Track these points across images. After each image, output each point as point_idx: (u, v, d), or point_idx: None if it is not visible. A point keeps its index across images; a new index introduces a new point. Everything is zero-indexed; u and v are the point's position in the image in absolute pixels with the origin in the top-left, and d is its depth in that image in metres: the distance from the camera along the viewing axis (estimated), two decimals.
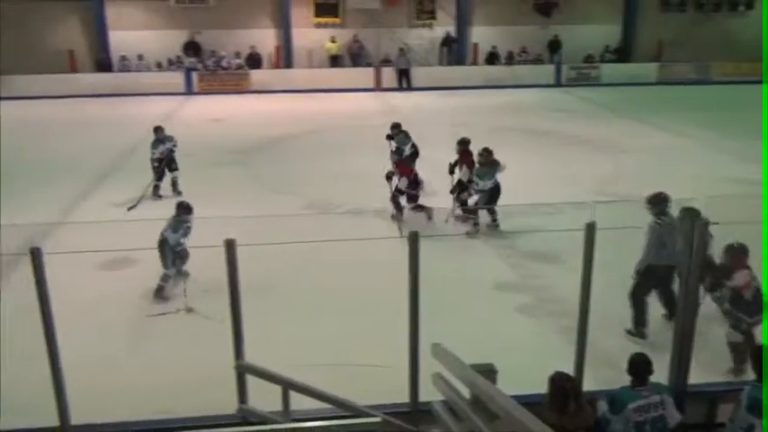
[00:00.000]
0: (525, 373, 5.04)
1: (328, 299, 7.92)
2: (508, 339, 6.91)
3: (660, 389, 4.60)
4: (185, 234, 7.98)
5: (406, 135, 12.33)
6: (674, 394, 4.75)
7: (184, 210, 8.06)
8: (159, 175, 12.29)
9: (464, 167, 10.52)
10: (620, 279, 7.06)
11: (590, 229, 4.72)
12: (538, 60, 27.69)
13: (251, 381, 4.82)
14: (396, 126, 12.63)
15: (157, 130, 12.37)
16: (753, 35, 27.97)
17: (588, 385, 4.90)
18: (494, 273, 8.83)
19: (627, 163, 14.32)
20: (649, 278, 7.06)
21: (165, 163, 12.26)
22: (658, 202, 7.22)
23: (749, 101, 20.84)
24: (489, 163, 10.09)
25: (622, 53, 28.26)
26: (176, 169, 12.39)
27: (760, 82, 25.82)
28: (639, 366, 4.56)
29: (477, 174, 10.14)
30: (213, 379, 5.40)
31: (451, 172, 10.84)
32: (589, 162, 14.55)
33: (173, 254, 7.93)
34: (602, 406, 4.55)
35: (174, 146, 12.36)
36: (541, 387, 4.02)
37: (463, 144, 10.89)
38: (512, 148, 15.53)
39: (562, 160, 14.73)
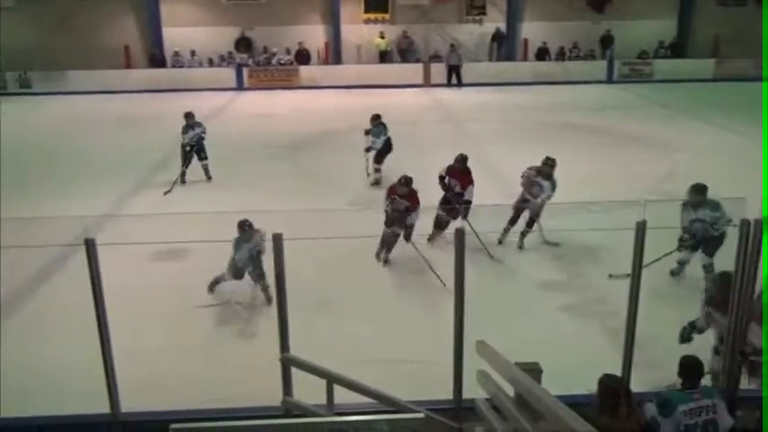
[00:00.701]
0: (570, 374, 5.00)
1: (369, 296, 7.95)
2: (553, 339, 6.83)
3: (711, 392, 4.49)
4: (251, 252, 7.62)
5: (383, 127, 12.02)
6: (726, 398, 4.64)
7: (241, 228, 7.67)
8: (187, 161, 12.53)
9: (469, 187, 9.37)
10: (669, 279, 6.91)
11: (640, 228, 4.62)
12: (589, 56, 27.26)
13: (296, 374, 4.87)
14: (375, 117, 12.36)
15: (188, 116, 12.58)
16: None
17: (635, 387, 4.82)
18: (540, 271, 8.74)
19: (681, 162, 13.97)
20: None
21: (194, 149, 12.49)
22: None
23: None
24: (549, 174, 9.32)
25: (677, 49, 27.60)
26: (206, 158, 12.63)
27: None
28: (690, 368, 4.47)
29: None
30: (260, 371, 5.48)
31: (446, 189, 9.48)
32: (642, 160, 14.26)
33: (235, 269, 7.77)
34: (651, 408, 4.46)
35: (203, 132, 12.58)
36: (585, 388, 3.97)
37: (462, 162, 9.59)
38: (562, 145, 15.33)
39: (614, 158, 14.48)
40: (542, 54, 27.16)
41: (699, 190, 7.81)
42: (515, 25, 27.36)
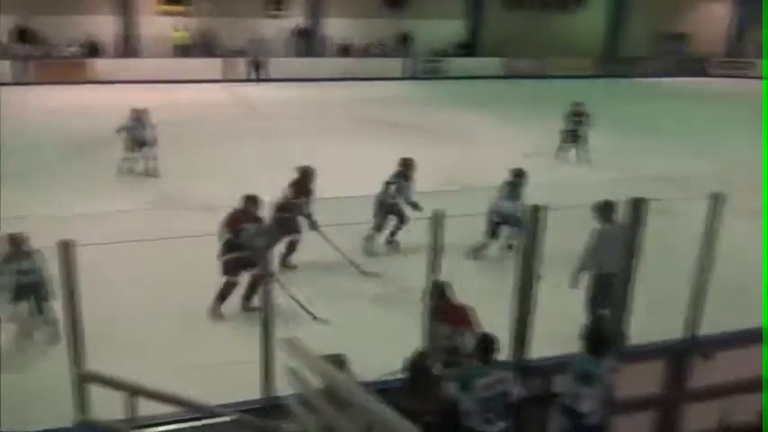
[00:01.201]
0: (380, 361, 5.15)
1: (168, 299, 7.62)
2: (364, 329, 6.98)
3: (504, 366, 4.86)
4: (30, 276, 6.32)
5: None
6: (516, 369, 5.03)
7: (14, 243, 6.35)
8: None
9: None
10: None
11: (437, 218, 4.85)
12: (390, 53, 28.22)
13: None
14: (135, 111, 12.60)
15: None
16: (581, 33, 30.25)
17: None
18: (347, 265, 8.86)
19: (476, 153, 14.90)
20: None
21: None
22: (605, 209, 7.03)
23: (583, 94, 22.22)
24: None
25: (469, 48, 29.45)
26: None
27: (590, 76, 27.89)
28: (486, 345, 4.79)
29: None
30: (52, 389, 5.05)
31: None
32: (439, 153, 14.99)
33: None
34: (451, 386, 4.73)
35: None
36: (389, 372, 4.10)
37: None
38: (367, 140, 15.78)
39: (413, 151, 15.03)
40: (346, 50, 27.71)
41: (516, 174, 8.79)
42: (318, 21, 27.63)
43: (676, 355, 5.87)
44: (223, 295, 7.34)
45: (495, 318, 5.34)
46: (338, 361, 4.25)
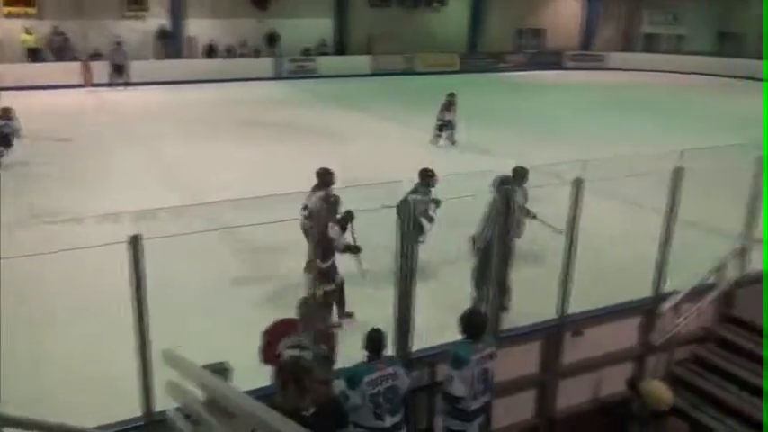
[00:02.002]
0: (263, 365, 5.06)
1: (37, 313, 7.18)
2: (249, 334, 6.85)
3: (392, 361, 4.91)
4: None
5: None
6: (403, 362, 5.10)
7: None
8: None
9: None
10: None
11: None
12: (257, 53, 27.85)
13: None
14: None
15: None
16: (445, 29, 31.18)
17: None
18: (228, 270, 8.69)
19: (352, 150, 15.00)
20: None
21: None
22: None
23: (450, 89, 22.90)
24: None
25: (338, 46, 29.58)
26: None
27: (456, 72, 28.79)
28: (374, 341, 4.82)
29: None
30: None
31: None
32: (315, 151, 14.96)
33: None
34: (339, 383, 4.73)
35: None
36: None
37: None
38: (239, 142, 15.48)
39: (288, 151, 14.98)
40: (211, 51, 27.06)
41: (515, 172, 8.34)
42: (180, 22, 26.79)
43: (550, 334, 6.16)
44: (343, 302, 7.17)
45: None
46: (220, 369, 4.14)
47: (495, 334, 5.64)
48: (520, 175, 8.32)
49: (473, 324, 5.08)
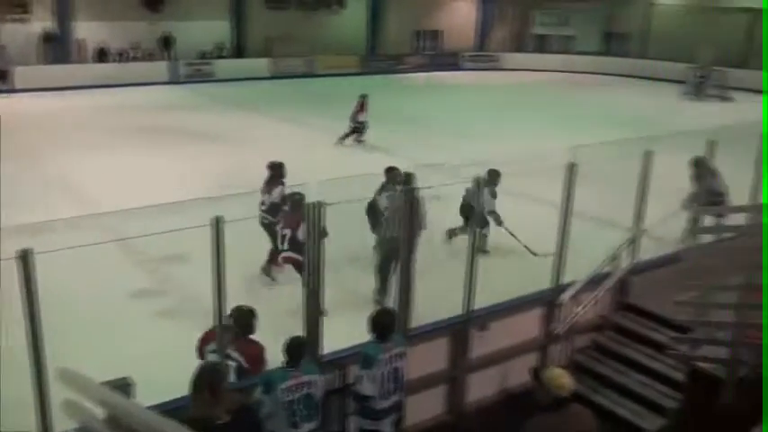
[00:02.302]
0: (175, 377, 4.90)
1: None
2: (152, 347, 6.63)
3: (310, 368, 4.86)
4: None
5: None
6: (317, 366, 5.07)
7: None
8: None
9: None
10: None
11: (216, 224, 4.73)
12: (151, 57, 27.00)
13: None
14: None
15: None
16: (345, 31, 31.28)
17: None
18: (129, 282, 8.38)
19: (253, 154, 14.73)
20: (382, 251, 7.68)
21: None
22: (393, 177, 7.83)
23: (350, 90, 22.96)
24: None
25: (235, 49, 29.11)
26: None
27: (357, 74, 28.92)
28: (293, 348, 4.78)
29: None
30: None
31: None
32: (215, 156, 14.68)
33: None
34: (257, 390, 4.66)
35: None
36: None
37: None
38: (136, 149, 14.97)
39: (187, 157, 14.61)
40: (102, 55, 26.02)
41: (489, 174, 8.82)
42: (67, 25, 25.59)
43: (457, 330, 6.28)
44: None
45: None
46: (123, 385, 3.98)
47: (404, 332, 5.69)
48: (492, 176, 8.82)
49: (381, 324, 5.11)
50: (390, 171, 8.59)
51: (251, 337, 5.25)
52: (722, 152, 7.87)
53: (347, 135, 15.94)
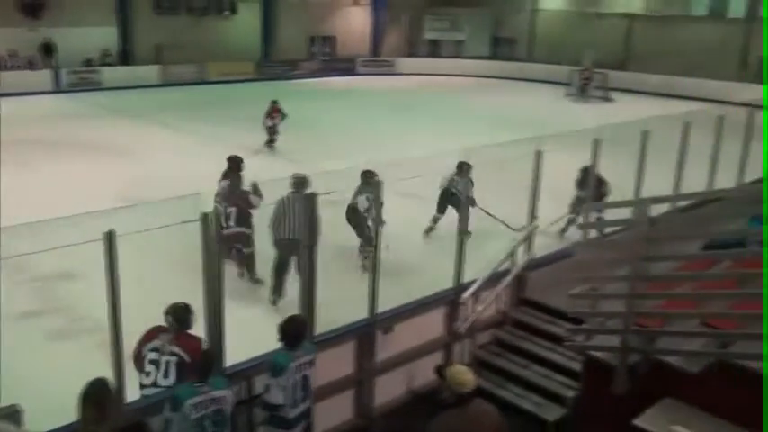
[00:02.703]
0: (67, 401, 4.67)
1: None
2: (44, 370, 6.28)
3: (220, 383, 4.73)
4: None
5: None
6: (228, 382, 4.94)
7: None
8: None
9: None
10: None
11: (109, 238, 4.54)
12: (32, 65, 25.61)
13: None
14: None
15: None
16: (237, 37, 30.81)
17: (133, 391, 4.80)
18: (14, 302, 7.89)
19: (146, 165, 14.29)
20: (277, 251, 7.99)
21: None
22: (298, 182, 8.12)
23: (244, 97, 22.73)
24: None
25: (123, 56, 28.04)
26: None
27: (251, 80, 28.57)
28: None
29: None
30: None
31: None
32: (107, 168, 14.09)
33: None
34: (165, 406, 4.49)
35: None
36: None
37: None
38: (20, 163, 14.17)
39: (79, 170, 13.97)
40: None
41: (459, 166, 10.03)
42: None
43: (362, 334, 6.29)
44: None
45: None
46: (11, 413, 3.75)
47: (310, 338, 5.65)
48: (465, 169, 9.83)
49: (290, 332, 5.06)
50: (367, 174, 9.06)
51: (189, 331, 5.14)
52: (607, 150, 8.29)
53: (269, 141, 16.02)
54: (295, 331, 5.09)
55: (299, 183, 8.19)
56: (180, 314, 5.12)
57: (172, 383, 4.90)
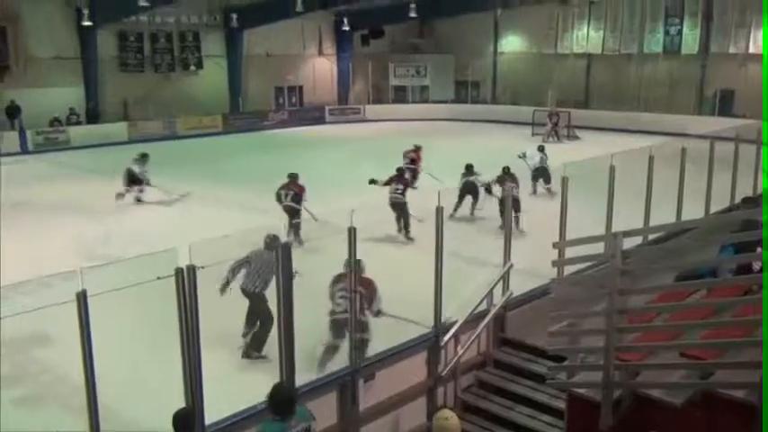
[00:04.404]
0: None
1: None
2: None
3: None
4: None
5: None
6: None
7: None
8: None
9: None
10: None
11: (81, 299, 4.46)
12: None
13: None
14: None
15: None
16: (205, 91, 30.97)
17: None
18: None
19: (114, 223, 14.10)
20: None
21: None
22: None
23: (214, 150, 22.68)
24: None
25: (90, 114, 27.93)
26: None
27: (220, 133, 28.61)
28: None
29: None
30: None
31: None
32: (76, 228, 13.86)
33: None
34: None
35: None
36: None
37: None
38: None
39: (46, 232, 13.73)
40: None
41: (468, 166, 14.08)
42: None
43: (344, 383, 6.20)
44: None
45: None
46: None
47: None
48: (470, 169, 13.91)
49: (279, 402, 4.68)
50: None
51: None
52: (576, 186, 8.39)
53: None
54: (283, 401, 4.70)
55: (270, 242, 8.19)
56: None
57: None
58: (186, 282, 4.90)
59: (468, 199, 13.90)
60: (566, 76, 31.84)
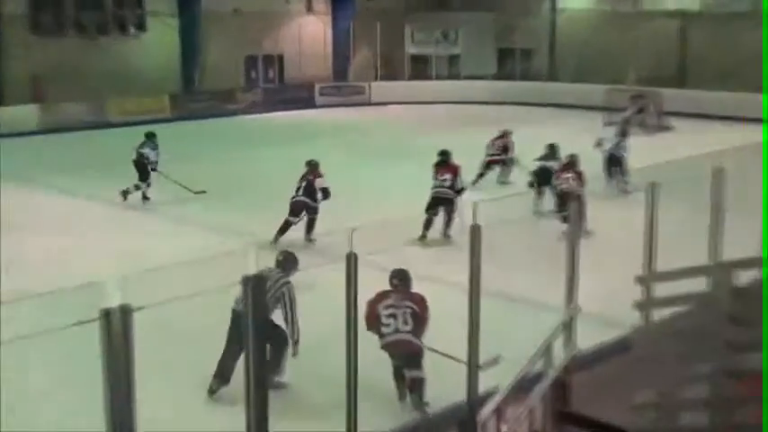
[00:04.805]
0: None
1: None
2: None
3: None
4: None
5: None
6: None
7: None
8: None
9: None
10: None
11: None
12: None
13: None
14: None
15: None
16: (148, 63, 30.81)
17: None
18: None
19: (22, 244, 14.08)
20: None
21: None
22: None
23: (159, 142, 22.57)
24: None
25: None
26: None
27: (167, 120, 28.39)
28: None
29: None
30: None
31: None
32: None
33: None
34: None
35: None
36: None
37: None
38: None
39: None
40: None
41: (551, 147, 16.53)
42: None
43: None
44: None
45: None
46: None
47: None
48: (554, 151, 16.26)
49: None
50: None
51: None
52: (671, 196, 8.30)
53: None
54: None
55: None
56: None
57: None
58: (117, 328, 4.81)
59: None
60: (652, 44, 31.62)
